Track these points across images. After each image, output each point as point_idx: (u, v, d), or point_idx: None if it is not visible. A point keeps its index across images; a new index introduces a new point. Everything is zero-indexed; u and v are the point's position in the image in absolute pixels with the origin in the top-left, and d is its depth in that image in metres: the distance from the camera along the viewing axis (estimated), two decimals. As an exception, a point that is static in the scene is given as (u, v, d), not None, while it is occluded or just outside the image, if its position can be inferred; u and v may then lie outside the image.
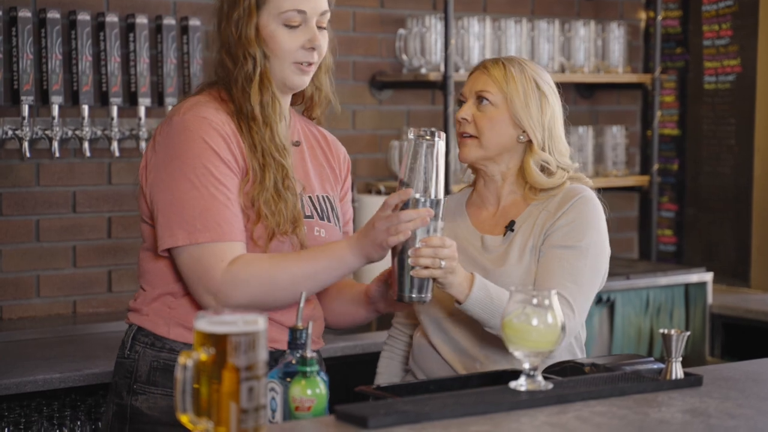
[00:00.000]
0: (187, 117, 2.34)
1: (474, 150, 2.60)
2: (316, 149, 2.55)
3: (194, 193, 2.28)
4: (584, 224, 2.53)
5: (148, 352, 2.38)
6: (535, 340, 2.00)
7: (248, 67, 2.36)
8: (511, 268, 2.52)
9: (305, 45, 2.37)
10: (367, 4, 4.35)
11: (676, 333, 2.12)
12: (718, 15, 4.80)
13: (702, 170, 4.89)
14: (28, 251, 3.69)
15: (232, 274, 2.27)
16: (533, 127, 2.58)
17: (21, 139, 3.51)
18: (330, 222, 2.48)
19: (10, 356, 3.27)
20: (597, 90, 4.92)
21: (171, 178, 2.31)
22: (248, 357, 1.73)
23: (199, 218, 2.28)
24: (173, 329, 2.37)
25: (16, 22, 3.52)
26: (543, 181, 2.59)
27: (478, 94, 2.60)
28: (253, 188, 2.34)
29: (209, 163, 2.30)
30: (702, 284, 4.37)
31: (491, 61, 2.64)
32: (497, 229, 2.63)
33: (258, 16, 2.37)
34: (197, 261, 2.28)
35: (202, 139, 2.31)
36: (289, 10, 2.36)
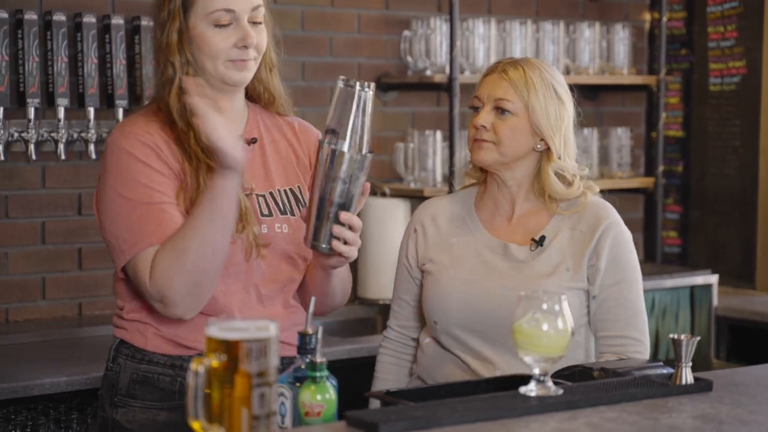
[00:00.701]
0: (114, 136, 2.34)
1: (490, 154, 2.57)
2: (279, 142, 2.49)
3: (128, 206, 2.27)
4: (623, 252, 2.59)
5: (129, 364, 2.37)
6: (545, 346, 2.00)
7: (168, 73, 2.33)
8: (544, 283, 2.52)
9: (237, 44, 2.32)
10: (372, 6, 4.35)
11: (686, 338, 2.12)
12: (723, 16, 4.80)
13: (707, 172, 4.89)
14: (34, 253, 3.68)
15: (155, 273, 2.24)
16: (552, 136, 2.56)
17: (27, 141, 3.51)
18: (295, 215, 2.43)
19: (17, 359, 3.27)
20: (602, 91, 4.91)
21: (108, 199, 2.31)
22: (260, 363, 1.73)
23: (138, 228, 2.26)
24: (150, 341, 2.35)
25: (22, 25, 3.51)
26: (562, 191, 2.58)
27: (498, 102, 2.57)
28: (191, 190, 2.31)
29: (137, 173, 2.28)
30: (707, 286, 4.37)
31: (509, 64, 2.59)
32: (517, 237, 2.61)
33: (185, 18, 2.32)
34: (136, 274, 2.27)
35: (127, 152, 2.30)
36: (217, 10, 2.31)
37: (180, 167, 2.32)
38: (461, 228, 2.65)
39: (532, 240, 2.59)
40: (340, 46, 4.28)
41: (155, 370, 2.35)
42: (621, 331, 2.55)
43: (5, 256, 3.64)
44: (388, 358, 2.77)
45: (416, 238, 2.70)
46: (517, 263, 2.57)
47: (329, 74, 4.26)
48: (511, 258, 2.58)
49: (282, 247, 2.40)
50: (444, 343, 2.60)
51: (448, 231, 2.67)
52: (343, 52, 4.29)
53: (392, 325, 2.77)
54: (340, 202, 2.22)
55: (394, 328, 2.77)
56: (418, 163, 4.27)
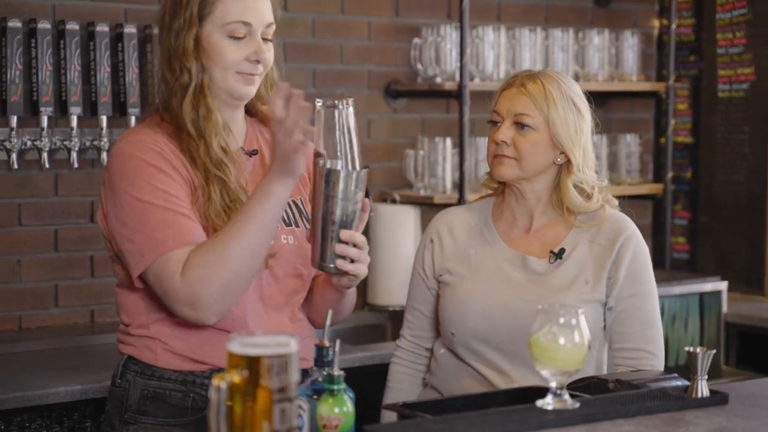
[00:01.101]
0: (122, 144, 2.32)
1: (511, 169, 2.58)
2: None
3: (147, 210, 2.25)
4: (641, 266, 2.60)
5: (138, 380, 2.35)
6: (562, 359, 2.01)
7: (183, 79, 2.32)
8: (562, 295, 2.53)
9: (250, 57, 2.33)
10: (382, 13, 4.36)
11: (701, 351, 2.13)
12: (732, 23, 4.80)
13: (716, 178, 4.90)
14: (46, 261, 3.70)
15: (187, 277, 2.21)
16: (573, 149, 2.57)
17: (40, 150, 3.53)
18: (299, 227, 2.42)
19: (31, 367, 3.28)
20: (611, 98, 4.92)
21: (121, 205, 2.27)
22: (281, 379, 1.74)
23: (159, 231, 2.23)
24: (160, 356, 2.33)
25: (36, 34, 3.53)
26: (581, 204, 2.59)
27: (518, 117, 2.57)
28: (202, 203, 2.30)
29: (152, 178, 2.26)
30: (717, 293, 4.37)
31: (528, 78, 2.59)
32: (535, 249, 2.62)
33: (200, 26, 2.32)
34: (160, 277, 2.23)
35: (139, 159, 2.27)
36: (234, 21, 2.31)
37: (190, 177, 2.31)
38: (479, 239, 2.66)
39: (551, 252, 2.59)
40: (350, 53, 4.29)
41: (166, 386, 2.32)
42: (636, 343, 2.57)
43: (18, 264, 3.65)
44: (401, 368, 2.77)
45: (433, 249, 2.71)
46: (535, 275, 2.58)
47: (340, 81, 4.28)
48: (529, 270, 2.59)
49: (287, 258, 2.40)
50: (460, 354, 2.61)
51: (466, 242, 2.68)
52: (354, 60, 4.31)
53: (405, 335, 2.78)
54: (341, 220, 2.22)
55: (407, 338, 2.77)
56: (428, 170, 4.28)
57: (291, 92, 2.16)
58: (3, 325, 3.64)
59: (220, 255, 2.21)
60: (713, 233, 4.90)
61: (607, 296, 2.58)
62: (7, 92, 3.49)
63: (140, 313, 2.36)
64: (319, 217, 2.22)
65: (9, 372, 3.22)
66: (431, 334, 2.74)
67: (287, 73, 2.51)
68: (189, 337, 2.32)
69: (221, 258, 2.20)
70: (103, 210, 2.34)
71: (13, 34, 3.50)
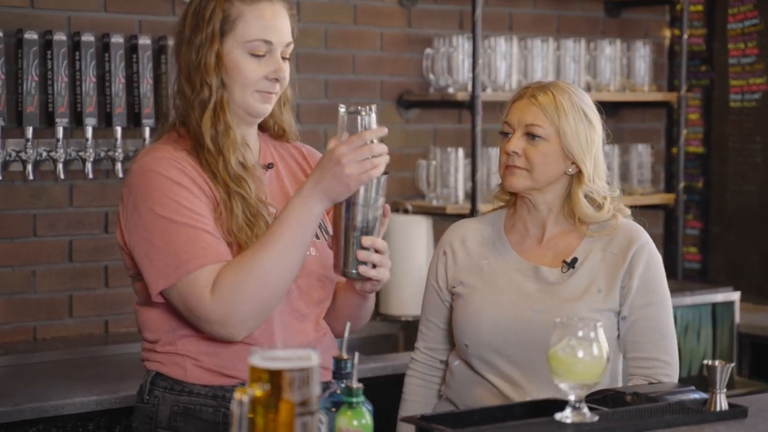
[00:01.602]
0: (144, 160, 2.30)
1: (523, 180, 2.59)
2: (293, 166, 2.49)
3: (172, 228, 2.23)
4: (654, 275, 2.60)
5: (168, 396, 2.33)
6: (581, 373, 2.01)
7: (204, 95, 2.31)
8: (575, 305, 2.54)
9: (269, 75, 2.33)
10: (395, 24, 4.37)
11: (720, 364, 2.13)
12: (744, 33, 4.81)
13: (727, 188, 4.90)
14: (61, 271, 3.71)
15: (218, 294, 2.19)
16: (584, 159, 2.58)
17: (55, 160, 3.54)
18: (318, 239, 2.42)
19: (46, 377, 3.29)
20: (622, 108, 4.93)
21: (144, 222, 2.26)
22: (302, 393, 1.74)
23: (184, 250, 2.22)
24: (190, 372, 2.32)
25: (51, 46, 3.55)
26: (592, 214, 2.60)
27: (529, 128, 2.58)
28: (225, 218, 2.29)
29: (176, 195, 2.25)
30: (729, 303, 4.37)
31: (538, 89, 2.61)
32: (547, 259, 2.63)
33: (221, 42, 2.31)
34: (187, 296, 2.22)
35: (163, 176, 2.26)
36: (256, 39, 2.31)
37: (212, 192, 2.31)
38: (491, 250, 2.67)
39: (564, 262, 2.60)
40: (362, 63, 4.31)
41: (197, 402, 2.31)
42: (650, 353, 2.57)
43: (33, 274, 3.67)
44: (416, 380, 2.78)
45: (446, 261, 2.71)
46: (548, 285, 2.59)
47: (352, 92, 4.29)
48: (541, 280, 2.60)
49: (311, 270, 2.40)
50: (475, 366, 2.61)
51: (478, 253, 2.68)
52: (366, 70, 4.32)
53: (420, 347, 2.78)
54: (362, 226, 2.23)
55: (422, 350, 2.78)
56: (440, 181, 4.29)
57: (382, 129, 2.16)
58: (18, 335, 3.65)
59: (254, 272, 2.20)
60: (725, 243, 4.90)
61: (621, 305, 2.58)
62: (23, 104, 3.51)
63: (165, 330, 2.35)
64: (341, 224, 2.23)
65: (24, 383, 3.23)
66: (446, 346, 2.74)
67: (300, 83, 2.52)
68: (218, 352, 2.31)
69: (256, 275, 2.20)
70: (122, 227, 2.32)
71: (29, 46, 3.52)
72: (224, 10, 2.31)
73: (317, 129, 4.19)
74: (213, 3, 2.32)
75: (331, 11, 4.21)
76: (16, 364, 3.45)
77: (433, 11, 4.45)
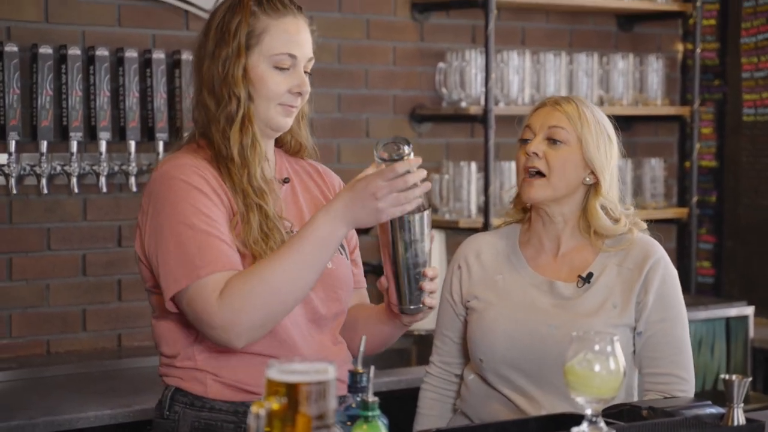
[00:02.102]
0: (165, 168, 2.32)
1: (542, 190, 2.58)
2: (308, 183, 2.50)
3: (189, 233, 2.23)
4: (670, 290, 2.60)
5: (188, 412, 2.33)
6: (597, 387, 2.00)
7: (231, 107, 2.32)
8: (590, 320, 2.53)
9: (293, 89, 2.34)
10: (407, 38, 4.38)
11: (737, 379, 2.13)
12: (757, 47, 4.80)
13: (741, 202, 4.89)
14: (75, 285, 3.72)
15: (227, 300, 2.19)
16: (603, 172, 2.58)
17: (69, 174, 3.55)
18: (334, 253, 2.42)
19: (59, 391, 3.30)
20: (635, 122, 4.92)
21: (162, 228, 2.26)
22: (319, 406, 1.74)
23: (198, 255, 2.22)
24: (210, 388, 2.32)
25: (66, 60, 3.56)
26: (609, 226, 2.60)
27: (551, 131, 2.58)
28: (241, 229, 2.29)
29: (196, 201, 2.26)
30: (743, 318, 4.36)
31: (561, 99, 2.62)
32: (562, 274, 2.62)
33: (247, 56, 2.32)
34: (195, 300, 2.21)
35: (183, 182, 2.27)
36: (281, 53, 2.32)
37: (230, 203, 2.32)
38: (506, 265, 2.66)
39: (579, 277, 2.59)
40: (375, 78, 4.31)
41: (218, 417, 2.31)
42: (667, 368, 2.56)
43: (47, 288, 3.67)
44: (431, 394, 2.77)
45: (460, 275, 2.71)
46: (563, 300, 2.58)
47: (365, 106, 4.29)
48: (556, 295, 2.59)
49: (328, 283, 2.41)
50: (489, 380, 2.60)
51: (493, 268, 2.68)
52: (379, 84, 4.32)
53: (435, 361, 2.78)
54: (423, 260, 2.27)
55: (436, 364, 2.77)
56: (453, 195, 4.29)
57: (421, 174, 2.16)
58: (32, 349, 3.66)
59: (265, 282, 2.19)
60: (738, 257, 4.89)
61: (636, 321, 2.57)
62: (37, 118, 3.52)
63: (183, 344, 2.35)
64: (402, 262, 2.25)
65: (38, 396, 3.24)
66: (460, 360, 2.74)
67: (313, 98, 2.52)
68: (239, 367, 2.31)
69: (267, 286, 2.19)
70: (141, 236, 2.33)
71: (44, 61, 3.53)
72: (250, 24, 2.32)
73: (331, 143, 4.20)
74: (238, 17, 2.33)
75: (344, 26, 4.22)
76: (29, 378, 3.46)
77: (445, 25, 4.45)
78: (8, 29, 3.56)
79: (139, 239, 2.34)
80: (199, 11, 3.85)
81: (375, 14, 4.29)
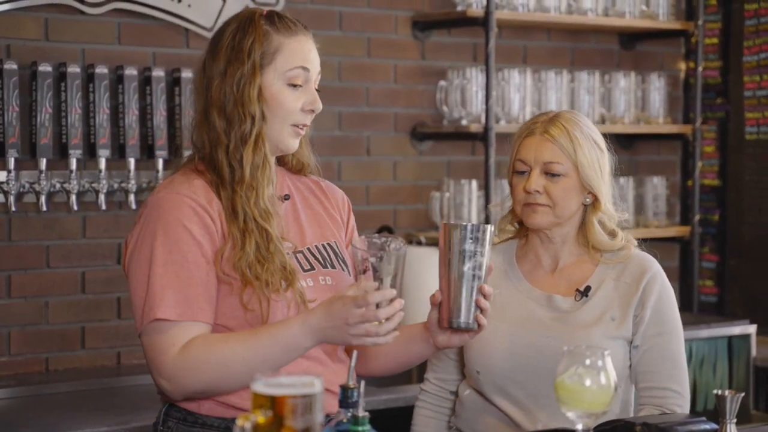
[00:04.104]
0: (160, 195, 2.31)
1: (546, 217, 2.59)
2: (310, 199, 2.49)
3: (159, 271, 2.24)
4: (666, 304, 2.59)
5: (181, 427, 2.34)
6: (588, 401, 1.99)
7: (245, 127, 2.30)
8: (589, 331, 2.53)
9: (305, 106, 2.34)
10: (408, 56, 4.38)
11: (730, 394, 2.11)
12: (760, 66, 4.80)
13: (743, 221, 4.87)
14: (74, 303, 3.72)
15: (183, 359, 2.22)
16: (600, 188, 2.59)
17: (68, 192, 3.55)
18: (335, 268, 2.42)
19: (58, 409, 3.29)
20: (637, 140, 4.92)
21: (139, 259, 2.27)
22: (305, 420, 1.73)
23: (159, 296, 2.23)
24: (203, 405, 2.32)
25: (66, 78, 3.57)
26: (606, 242, 2.61)
27: (548, 167, 2.57)
28: (233, 254, 2.28)
29: (179, 239, 2.25)
30: (745, 336, 4.33)
31: (549, 124, 2.59)
32: (561, 288, 2.62)
33: (262, 75, 2.31)
34: (151, 344, 2.25)
35: (173, 217, 2.27)
36: (295, 67, 2.32)
37: (222, 231, 2.30)
38: (503, 280, 2.66)
39: (577, 291, 2.59)
40: (376, 96, 4.32)
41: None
42: (662, 383, 2.55)
43: (46, 306, 3.67)
44: (426, 411, 2.76)
45: (457, 290, 2.70)
46: (561, 313, 2.58)
47: (365, 124, 4.30)
48: (554, 309, 2.59)
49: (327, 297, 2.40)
50: (486, 393, 2.60)
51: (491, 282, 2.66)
52: (380, 102, 4.33)
53: (430, 377, 2.77)
54: (481, 275, 2.28)
55: (432, 380, 2.76)
56: (454, 212, 4.29)
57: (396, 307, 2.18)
58: (31, 366, 3.66)
59: (225, 363, 2.23)
60: (741, 276, 4.87)
61: (633, 334, 2.57)
62: (37, 135, 3.53)
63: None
64: (464, 275, 2.26)
65: (36, 414, 3.23)
66: (456, 376, 2.73)
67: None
68: None
69: (224, 366, 2.23)
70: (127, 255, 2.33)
71: (44, 78, 3.54)
72: (263, 44, 2.32)
73: (331, 161, 4.20)
74: (251, 37, 2.32)
75: (345, 44, 4.23)
76: (28, 395, 3.45)
77: (446, 43, 4.46)
78: (8, 47, 3.57)
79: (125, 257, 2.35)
80: (199, 29, 3.86)
81: (376, 32, 4.30)
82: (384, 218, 4.32)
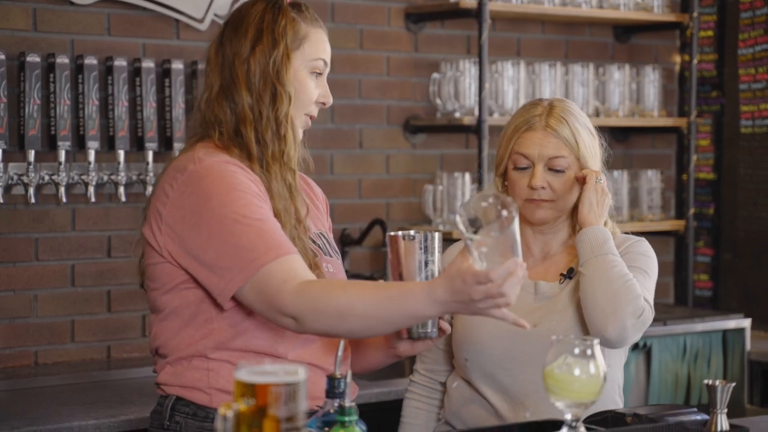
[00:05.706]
0: (205, 163, 2.25)
1: (550, 212, 2.58)
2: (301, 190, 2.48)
3: (241, 225, 2.18)
4: (642, 253, 2.57)
5: (191, 422, 2.26)
6: (577, 391, 1.97)
7: (283, 107, 2.28)
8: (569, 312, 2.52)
9: (320, 98, 2.36)
10: (402, 49, 4.36)
11: (720, 384, 2.09)
12: (755, 59, 4.78)
13: (738, 214, 4.85)
14: (63, 296, 3.69)
15: (303, 296, 2.14)
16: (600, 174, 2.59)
17: (57, 184, 3.53)
18: (332, 257, 2.42)
19: (46, 402, 3.27)
20: (632, 134, 4.90)
21: (210, 224, 2.19)
22: (289, 408, 1.71)
23: (257, 244, 2.17)
24: (215, 397, 2.25)
25: (54, 69, 3.55)
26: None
27: (552, 162, 2.55)
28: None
29: (244, 195, 2.21)
30: (740, 330, 4.32)
31: (551, 117, 2.57)
32: (549, 275, 2.61)
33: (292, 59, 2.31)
34: (264, 287, 2.15)
35: (229, 176, 2.22)
36: (319, 58, 2.34)
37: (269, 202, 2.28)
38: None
39: (561, 274, 2.59)
40: (369, 88, 4.29)
41: None
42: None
43: (35, 299, 3.65)
44: (415, 403, 2.75)
45: (445, 281, 2.68)
46: (546, 299, 2.58)
47: (358, 117, 4.27)
48: (540, 296, 2.59)
49: None
50: (474, 382, 2.59)
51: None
52: (373, 95, 4.31)
53: (419, 369, 2.76)
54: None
55: (421, 372, 2.75)
56: (447, 205, 4.27)
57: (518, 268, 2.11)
58: (19, 360, 3.63)
59: (341, 309, 2.14)
60: (736, 270, 4.85)
61: None
62: (25, 127, 3.51)
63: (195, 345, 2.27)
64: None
65: (25, 407, 3.21)
66: (445, 367, 2.72)
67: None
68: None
69: (340, 312, 2.14)
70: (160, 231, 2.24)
71: (32, 69, 3.52)
72: (294, 30, 2.32)
73: (324, 154, 4.17)
74: (283, 21, 2.32)
75: (337, 36, 4.20)
76: (17, 389, 3.43)
77: (440, 36, 4.44)
78: (-4, 38, 3.55)
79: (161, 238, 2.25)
80: (189, 20, 3.84)
81: (369, 24, 4.28)
82: (377, 212, 4.30)
